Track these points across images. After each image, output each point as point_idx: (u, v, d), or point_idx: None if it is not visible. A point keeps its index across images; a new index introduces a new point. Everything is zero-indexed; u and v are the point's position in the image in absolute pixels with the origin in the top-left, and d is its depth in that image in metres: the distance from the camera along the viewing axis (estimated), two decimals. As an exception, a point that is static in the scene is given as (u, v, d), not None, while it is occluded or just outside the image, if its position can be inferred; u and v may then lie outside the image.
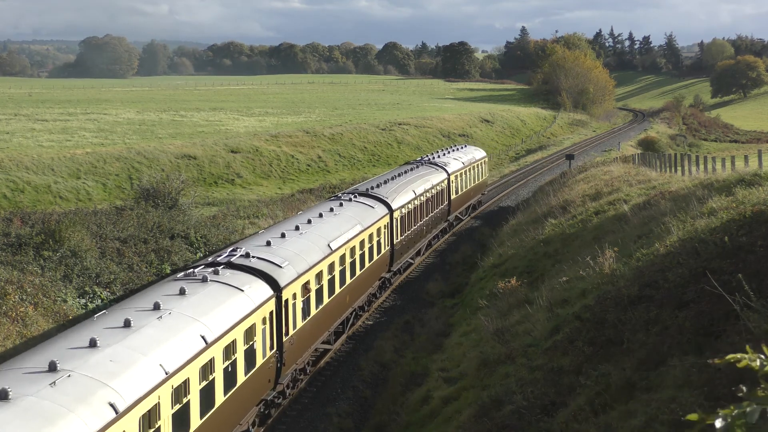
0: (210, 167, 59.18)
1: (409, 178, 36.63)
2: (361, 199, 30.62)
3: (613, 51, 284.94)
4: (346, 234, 25.39)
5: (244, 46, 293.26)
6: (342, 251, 24.74)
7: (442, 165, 42.27)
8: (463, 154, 47.65)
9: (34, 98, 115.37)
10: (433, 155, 45.98)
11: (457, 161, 45.15)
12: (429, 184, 37.56)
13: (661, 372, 11.22)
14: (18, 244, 25.44)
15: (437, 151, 48.89)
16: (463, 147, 51.41)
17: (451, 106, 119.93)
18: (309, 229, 23.90)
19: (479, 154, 51.38)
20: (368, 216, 28.84)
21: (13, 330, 20.73)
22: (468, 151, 50.08)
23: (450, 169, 42.41)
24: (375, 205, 30.27)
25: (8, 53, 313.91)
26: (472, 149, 51.61)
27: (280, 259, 20.26)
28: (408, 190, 34.43)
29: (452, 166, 43.28)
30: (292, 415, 21.02)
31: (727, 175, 24.09)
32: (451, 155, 46.33)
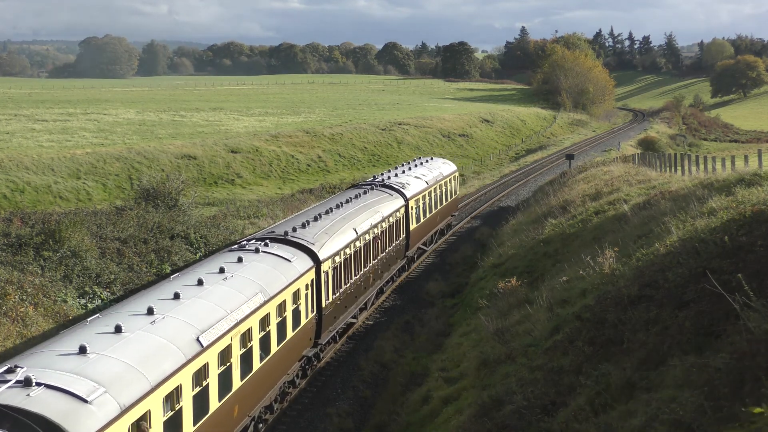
0: (210, 167, 59.19)
1: (351, 210, 28.41)
2: (275, 248, 21.84)
3: (613, 51, 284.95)
4: (226, 319, 16.53)
5: (244, 46, 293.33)
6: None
7: (398, 188, 34.30)
8: (427, 171, 39.92)
9: (34, 98, 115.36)
10: (389, 173, 38.04)
11: (420, 180, 37.31)
12: (378, 217, 29.56)
13: (662, 372, 11.22)
14: (18, 244, 25.44)
15: (397, 167, 41.23)
16: (428, 160, 43.46)
17: (451, 106, 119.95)
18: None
19: (448, 168, 43.52)
20: (279, 276, 20.01)
21: (13, 330, 20.74)
22: (434, 165, 42.21)
23: (409, 193, 34.58)
24: (294, 256, 21.65)
25: (8, 53, 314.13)
26: (439, 162, 43.84)
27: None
28: (346, 228, 26.23)
29: (412, 188, 35.44)
30: (292, 415, 21.03)
31: (727, 174, 24.09)
32: (412, 173, 38.38)
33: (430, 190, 38.04)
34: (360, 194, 31.58)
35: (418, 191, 35.77)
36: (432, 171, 40.32)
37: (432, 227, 39.18)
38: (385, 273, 31.11)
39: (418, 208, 35.80)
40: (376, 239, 29.13)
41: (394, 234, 31.94)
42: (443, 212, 41.42)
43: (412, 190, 35.18)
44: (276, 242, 22.53)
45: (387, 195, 32.65)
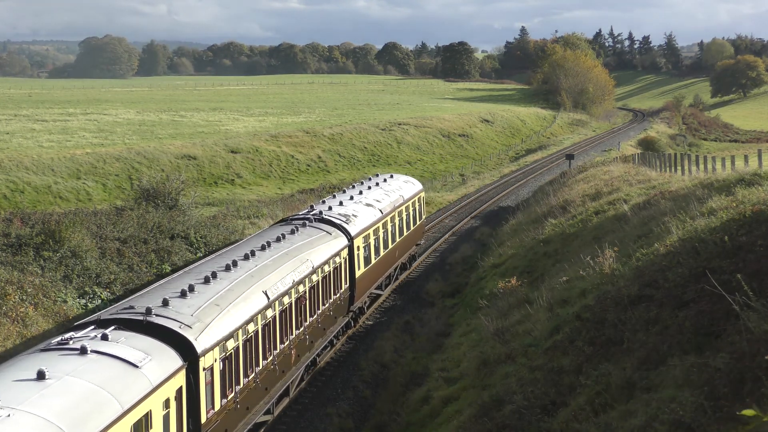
0: (210, 167, 59.19)
1: (266, 262, 20.65)
2: (120, 344, 14.00)
3: (612, 51, 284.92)
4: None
5: (244, 47, 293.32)
6: None
7: (340, 222, 26.63)
8: (383, 194, 32.60)
9: (33, 99, 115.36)
10: (334, 201, 30.14)
11: (371, 210, 29.91)
12: (306, 268, 21.93)
13: (662, 372, 11.22)
14: (18, 244, 25.44)
15: (346, 190, 33.77)
16: (387, 180, 35.93)
17: (451, 106, 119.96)
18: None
19: (411, 189, 36.22)
20: (114, 401, 12.46)
21: (13, 330, 20.74)
22: (393, 186, 34.77)
23: (355, 228, 27.03)
24: (146, 358, 13.95)
25: (8, 54, 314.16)
26: (399, 182, 36.31)
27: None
28: (251, 293, 18.54)
29: (360, 221, 27.94)
30: (292, 415, 21.03)
31: (727, 174, 24.10)
32: (363, 199, 30.82)
33: (387, 219, 30.66)
34: (286, 234, 23.62)
35: (368, 224, 28.34)
36: (390, 194, 32.94)
37: (389, 265, 31.56)
38: (318, 340, 23.44)
39: (368, 246, 28.16)
40: (301, 300, 21.39)
41: (332, 286, 24.39)
42: (404, 244, 33.97)
43: (361, 224, 27.63)
44: (126, 329, 14.63)
45: (323, 234, 24.88)
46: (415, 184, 37.97)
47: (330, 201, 30.12)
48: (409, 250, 35.51)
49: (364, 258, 27.69)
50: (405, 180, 37.51)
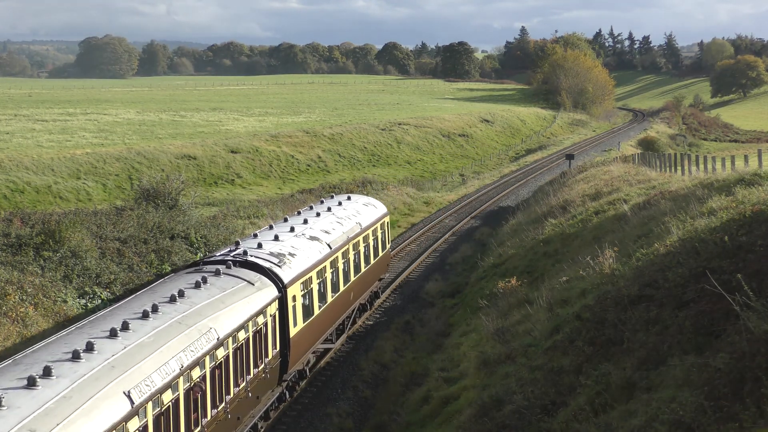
0: (210, 167, 59.20)
1: (135, 342, 14.12)
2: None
3: (612, 51, 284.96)
4: None
5: (244, 47, 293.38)
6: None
7: (270, 266, 20.23)
8: (335, 223, 26.10)
9: (33, 98, 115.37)
10: (267, 234, 23.28)
11: (317, 245, 23.45)
12: (208, 342, 15.71)
13: (662, 372, 11.23)
14: (18, 244, 25.43)
15: (287, 218, 26.34)
16: (341, 203, 29.12)
17: (451, 106, 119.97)
18: None
19: (371, 213, 29.75)
20: None
21: (13, 330, 20.74)
22: (348, 212, 28.20)
23: (290, 273, 20.60)
24: None
25: (8, 53, 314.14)
26: (357, 205, 29.74)
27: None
28: (100, 404, 11.94)
29: (299, 263, 21.47)
30: (292, 415, 21.03)
31: (727, 174, 24.11)
32: (307, 229, 24.22)
33: (338, 255, 24.52)
34: (186, 290, 16.97)
35: (311, 264, 22.04)
36: (344, 222, 26.55)
37: (342, 311, 25.55)
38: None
39: (310, 294, 21.90)
40: (195, 391, 14.97)
41: (252, 357, 18.07)
42: (363, 282, 27.74)
43: (300, 266, 21.31)
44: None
45: (243, 285, 18.44)
46: (378, 207, 31.18)
47: (264, 235, 23.13)
48: (371, 287, 29.09)
49: (304, 309, 21.25)
50: (365, 203, 30.58)
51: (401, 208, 52.90)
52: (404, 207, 53.50)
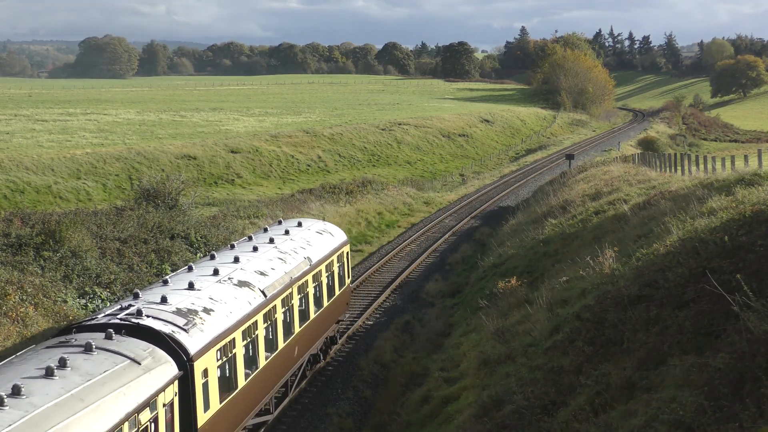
0: (210, 167, 59.19)
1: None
2: None
3: (612, 51, 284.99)
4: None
5: (244, 47, 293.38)
6: None
7: (171, 332, 14.69)
8: (276, 260, 20.50)
9: (33, 98, 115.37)
10: (177, 283, 17.42)
11: (246, 293, 17.89)
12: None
13: (662, 371, 11.23)
14: (18, 244, 25.42)
15: (213, 255, 20.35)
16: (288, 232, 23.22)
17: (451, 106, 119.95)
18: None
19: (324, 243, 23.89)
20: None
21: (13, 330, 20.74)
22: (296, 243, 22.41)
23: (201, 339, 15.17)
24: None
25: (8, 54, 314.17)
26: (309, 234, 23.84)
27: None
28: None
29: (215, 323, 15.96)
30: (292, 416, 21.03)
31: (727, 174, 24.11)
32: (233, 272, 18.52)
33: (277, 303, 18.90)
34: (37, 378, 11.74)
35: (234, 323, 16.43)
36: (287, 258, 20.76)
37: (283, 372, 20.06)
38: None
39: (233, 361, 16.52)
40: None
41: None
42: (314, 330, 22.28)
43: (215, 327, 15.74)
44: None
45: (126, 364, 13.04)
46: (335, 234, 25.31)
47: (176, 281, 17.35)
48: (325, 333, 23.64)
49: (223, 384, 15.88)
50: (319, 230, 24.68)
51: (401, 208, 52.89)
52: (404, 207, 53.50)
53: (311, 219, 27.49)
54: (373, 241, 44.06)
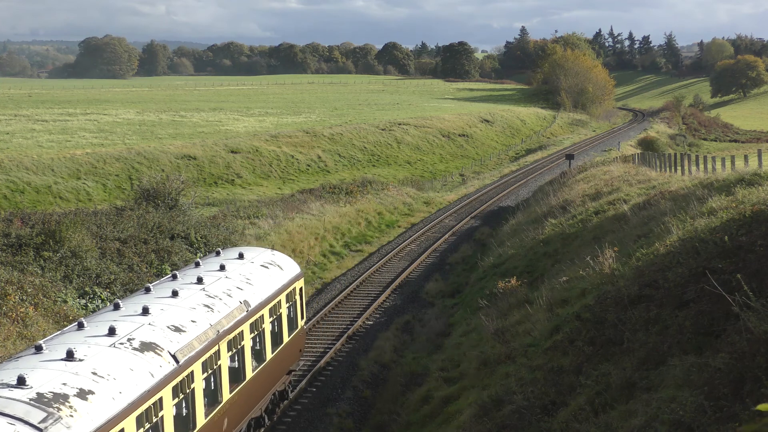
0: (210, 167, 59.18)
1: None
2: None
3: (612, 51, 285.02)
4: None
5: (244, 47, 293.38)
6: None
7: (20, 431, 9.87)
8: (202, 306, 15.86)
9: (33, 99, 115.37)
10: (53, 349, 12.44)
11: (151, 360, 13.11)
12: None
13: (662, 371, 11.23)
14: (18, 244, 25.43)
15: (118, 305, 14.92)
16: (223, 267, 18.45)
17: (451, 106, 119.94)
18: None
19: (272, 280, 19.56)
20: None
21: (13, 331, 20.74)
22: (231, 282, 17.83)
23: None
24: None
25: (8, 54, 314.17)
26: (254, 266, 19.49)
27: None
28: None
29: (93, 412, 11.03)
30: (292, 416, 21.03)
31: (727, 174, 24.09)
32: (141, 328, 13.82)
33: (194, 369, 14.42)
34: None
35: (125, 407, 11.85)
36: (218, 304, 16.37)
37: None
38: None
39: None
40: None
41: None
42: (255, 389, 18.11)
43: (93, 421, 11.04)
44: None
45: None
46: (285, 267, 20.65)
47: (51, 348, 12.61)
48: (271, 390, 19.48)
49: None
50: (265, 262, 19.93)
51: (401, 208, 52.89)
52: (404, 207, 53.51)
53: (256, 249, 21.79)
54: (373, 241, 44.08)
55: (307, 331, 25.50)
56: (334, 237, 42.52)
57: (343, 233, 43.72)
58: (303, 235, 39.90)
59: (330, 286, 34.20)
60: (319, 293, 33.25)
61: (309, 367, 24.00)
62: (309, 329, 25.96)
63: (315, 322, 28.20)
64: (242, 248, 21.10)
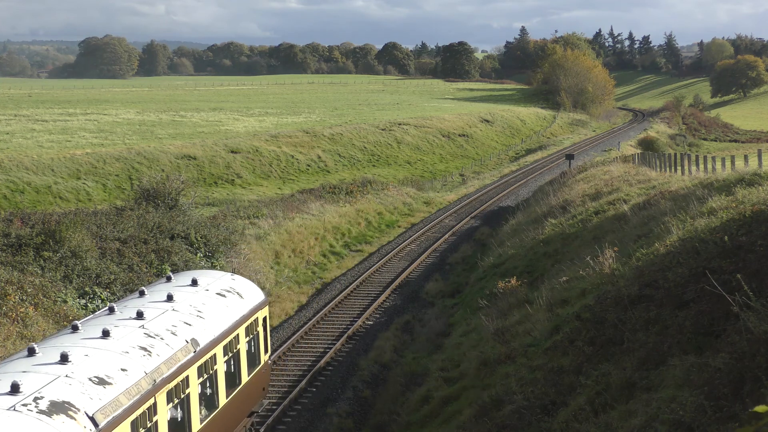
0: (210, 167, 59.17)
1: None
2: None
3: (612, 51, 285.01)
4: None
5: (244, 47, 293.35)
6: None
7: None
8: (138, 349, 12.84)
9: (33, 99, 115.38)
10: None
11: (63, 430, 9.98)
12: None
13: (662, 371, 11.23)
14: (18, 244, 25.42)
15: (31, 352, 11.74)
16: (174, 296, 15.45)
17: (451, 106, 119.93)
18: None
19: (230, 311, 16.47)
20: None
21: (13, 331, 20.74)
22: (182, 313, 14.93)
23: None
24: None
25: (8, 54, 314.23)
26: (208, 295, 16.43)
27: None
28: None
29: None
30: (291, 415, 21.03)
31: (727, 174, 24.09)
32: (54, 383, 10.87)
33: (124, 427, 11.38)
34: None
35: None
36: (158, 345, 13.40)
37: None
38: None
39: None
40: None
41: None
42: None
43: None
44: None
45: None
46: (246, 294, 17.70)
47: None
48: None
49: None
50: (221, 290, 17.04)
51: (401, 208, 52.90)
52: (404, 207, 53.51)
53: (214, 273, 18.72)
54: (373, 241, 44.09)
55: (272, 366, 21.88)
56: (334, 237, 42.54)
57: (343, 233, 43.73)
58: (303, 235, 39.92)
59: (330, 286, 34.21)
60: (319, 293, 33.27)
61: (303, 373, 23.98)
62: (275, 361, 24.19)
63: (315, 322, 28.20)
64: (198, 272, 18.26)
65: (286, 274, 35.56)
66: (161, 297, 15.56)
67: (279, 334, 27.57)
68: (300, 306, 31.40)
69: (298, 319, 29.38)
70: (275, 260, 36.52)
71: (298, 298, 32.37)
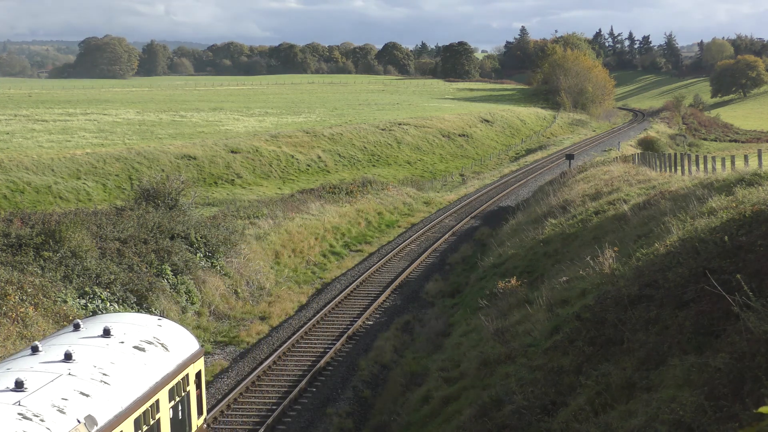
0: (210, 167, 59.16)
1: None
2: None
3: (612, 51, 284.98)
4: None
5: (244, 47, 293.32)
6: None
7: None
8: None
9: (33, 99, 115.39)
10: None
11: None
12: None
13: (662, 371, 11.22)
14: (18, 244, 25.42)
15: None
16: (73, 354, 11.66)
17: (451, 106, 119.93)
18: None
19: (154, 369, 12.86)
20: None
21: (13, 331, 20.73)
22: (79, 378, 11.24)
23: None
24: None
25: (8, 54, 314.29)
26: (123, 349, 12.77)
27: None
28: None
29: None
30: (291, 415, 21.02)
31: (727, 174, 24.09)
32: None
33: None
34: None
35: None
36: (36, 431, 9.58)
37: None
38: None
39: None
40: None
41: None
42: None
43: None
44: None
45: None
46: (173, 346, 14.01)
47: None
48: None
49: None
50: (140, 342, 13.42)
51: (401, 208, 52.90)
52: (404, 207, 53.51)
53: (137, 318, 15.10)
54: (373, 241, 44.08)
55: (208, 428, 17.30)
56: (334, 237, 42.54)
57: (343, 233, 43.73)
58: (303, 235, 39.91)
59: (330, 286, 34.21)
60: (319, 293, 33.28)
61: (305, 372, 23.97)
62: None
63: (315, 322, 28.20)
64: (115, 318, 14.52)
65: (286, 274, 35.57)
66: (57, 356, 11.89)
67: (279, 334, 27.62)
68: (300, 306, 31.41)
69: (298, 319, 29.38)
70: (275, 260, 36.53)
71: (298, 298, 32.38)
